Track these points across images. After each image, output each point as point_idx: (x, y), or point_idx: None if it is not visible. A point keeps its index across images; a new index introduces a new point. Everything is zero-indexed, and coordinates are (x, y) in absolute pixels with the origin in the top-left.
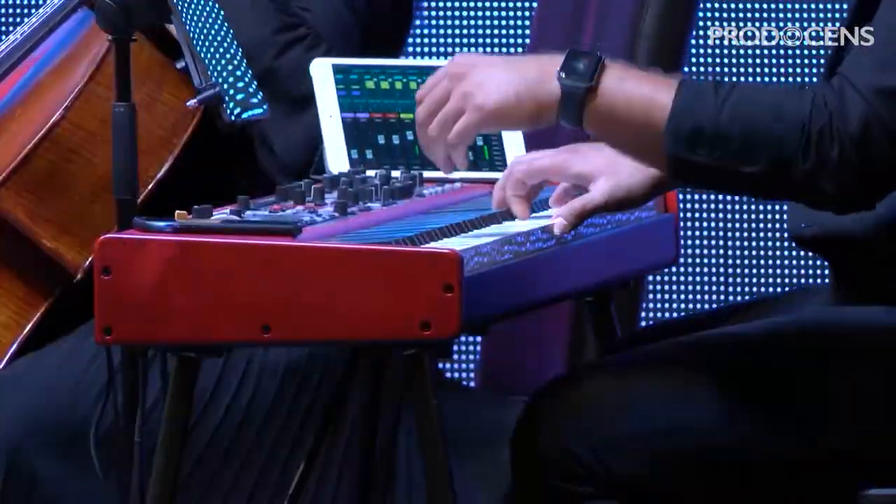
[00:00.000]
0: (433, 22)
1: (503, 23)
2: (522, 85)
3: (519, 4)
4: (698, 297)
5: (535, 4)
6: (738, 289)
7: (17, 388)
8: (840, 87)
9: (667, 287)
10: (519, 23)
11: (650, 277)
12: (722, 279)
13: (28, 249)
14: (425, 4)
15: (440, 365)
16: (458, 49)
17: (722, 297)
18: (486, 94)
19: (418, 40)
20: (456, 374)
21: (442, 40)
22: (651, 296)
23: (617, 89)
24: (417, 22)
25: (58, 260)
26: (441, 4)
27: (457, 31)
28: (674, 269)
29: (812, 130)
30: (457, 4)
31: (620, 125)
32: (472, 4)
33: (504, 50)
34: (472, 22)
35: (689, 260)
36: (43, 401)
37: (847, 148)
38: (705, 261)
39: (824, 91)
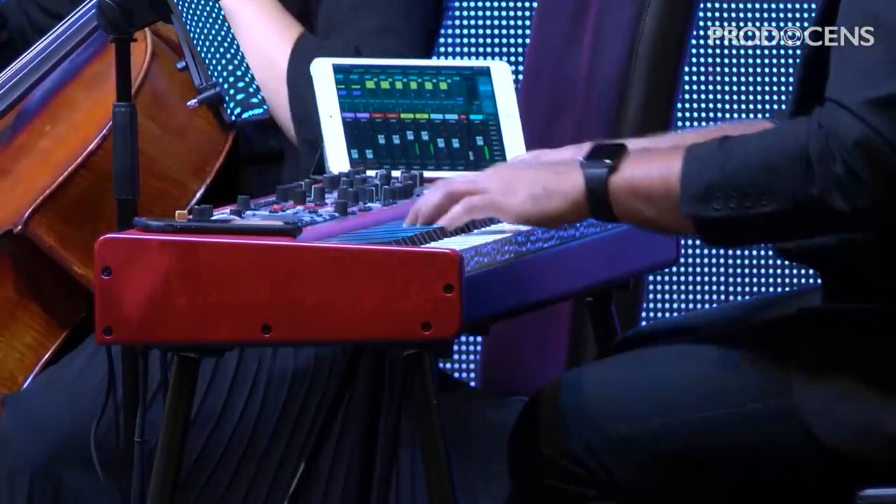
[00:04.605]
0: None
1: (502, 23)
2: (548, 182)
3: (519, 4)
4: (698, 297)
5: (535, 5)
6: (738, 289)
7: (37, 406)
8: (830, 109)
9: (667, 287)
10: (519, 23)
11: (650, 277)
12: (722, 279)
13: (57, 274)
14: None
15: (440, 365)
16: (456, 49)
17: (722, 297)
18: (508, 194)
19: None
20: (456, 374)
21: (441, 40)
22: (651, 296)
23: (637, 167)
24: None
25: (86, 285)
26: None
27: (455, 31)
28: (674, 269)
29: (812, 153)
30: (455, 4)
31: (644, 201)
32: (471, 4)
33: (503, 49)
34: (471, 22)
35: (689, 260)
36: (63, 418)
37: (848, 161)
38: (705, 261)
39: (817, 115)
